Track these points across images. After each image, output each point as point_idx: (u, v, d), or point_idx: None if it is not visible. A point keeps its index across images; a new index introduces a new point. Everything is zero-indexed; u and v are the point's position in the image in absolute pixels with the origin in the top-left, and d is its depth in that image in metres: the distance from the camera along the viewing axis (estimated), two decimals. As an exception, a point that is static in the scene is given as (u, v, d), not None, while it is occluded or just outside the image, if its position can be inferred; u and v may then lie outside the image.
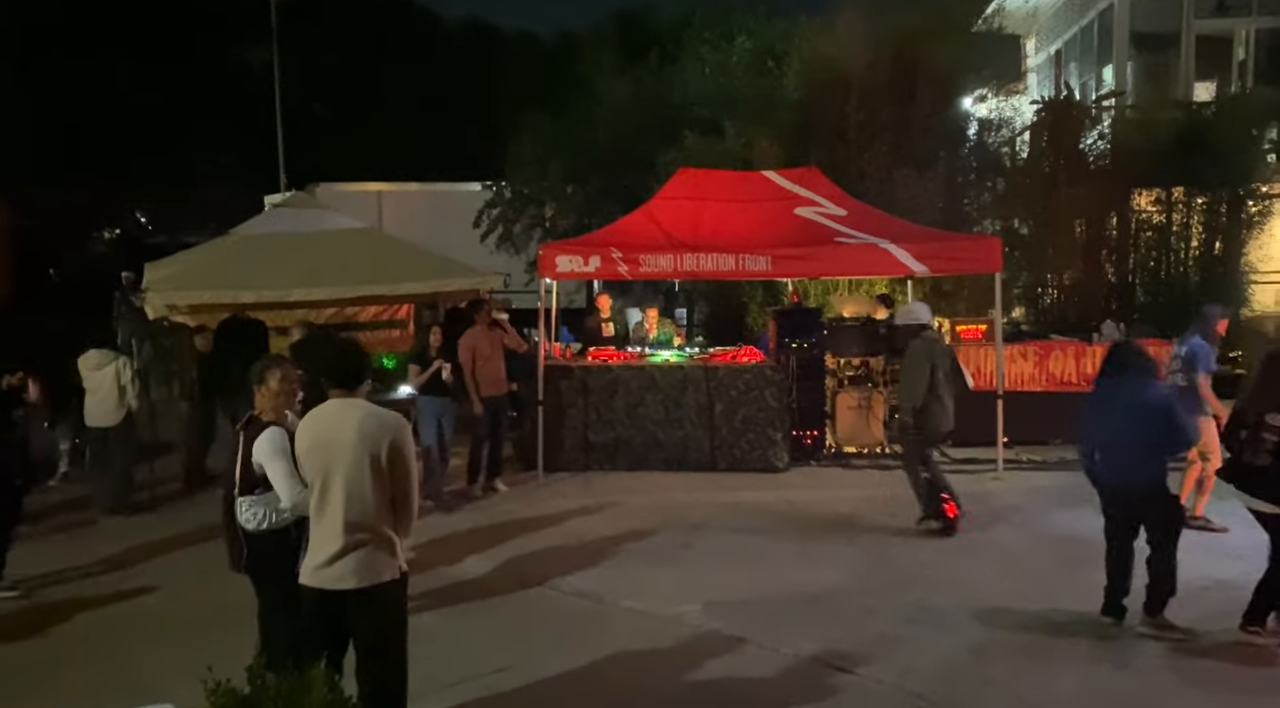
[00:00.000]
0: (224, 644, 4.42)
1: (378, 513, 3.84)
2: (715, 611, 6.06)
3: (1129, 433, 5.56)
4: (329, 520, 3.85)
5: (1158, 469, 5.58)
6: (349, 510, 3.82)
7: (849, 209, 10.34)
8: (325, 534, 3.87)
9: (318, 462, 3.88)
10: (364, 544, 3.84)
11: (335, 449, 3.83)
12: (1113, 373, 5.85)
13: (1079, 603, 5.91)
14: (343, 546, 3.83)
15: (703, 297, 14.67)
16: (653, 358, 10.45)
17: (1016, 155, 13.92)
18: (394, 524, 3.91)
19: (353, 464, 3.80)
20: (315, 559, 3.88)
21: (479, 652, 5.50)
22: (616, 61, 17.51)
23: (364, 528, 3.83)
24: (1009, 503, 8.67)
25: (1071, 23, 17.20)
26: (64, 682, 5.26)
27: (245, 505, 4.34)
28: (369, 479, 3.80)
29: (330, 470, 3.84)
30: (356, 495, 3.81)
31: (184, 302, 8.23)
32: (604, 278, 11.42)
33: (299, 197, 12.44)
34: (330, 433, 3.87)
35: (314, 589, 3.88)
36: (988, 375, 10.31)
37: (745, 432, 9.82)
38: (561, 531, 7.92)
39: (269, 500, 4.27)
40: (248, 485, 4.31)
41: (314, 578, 3.88)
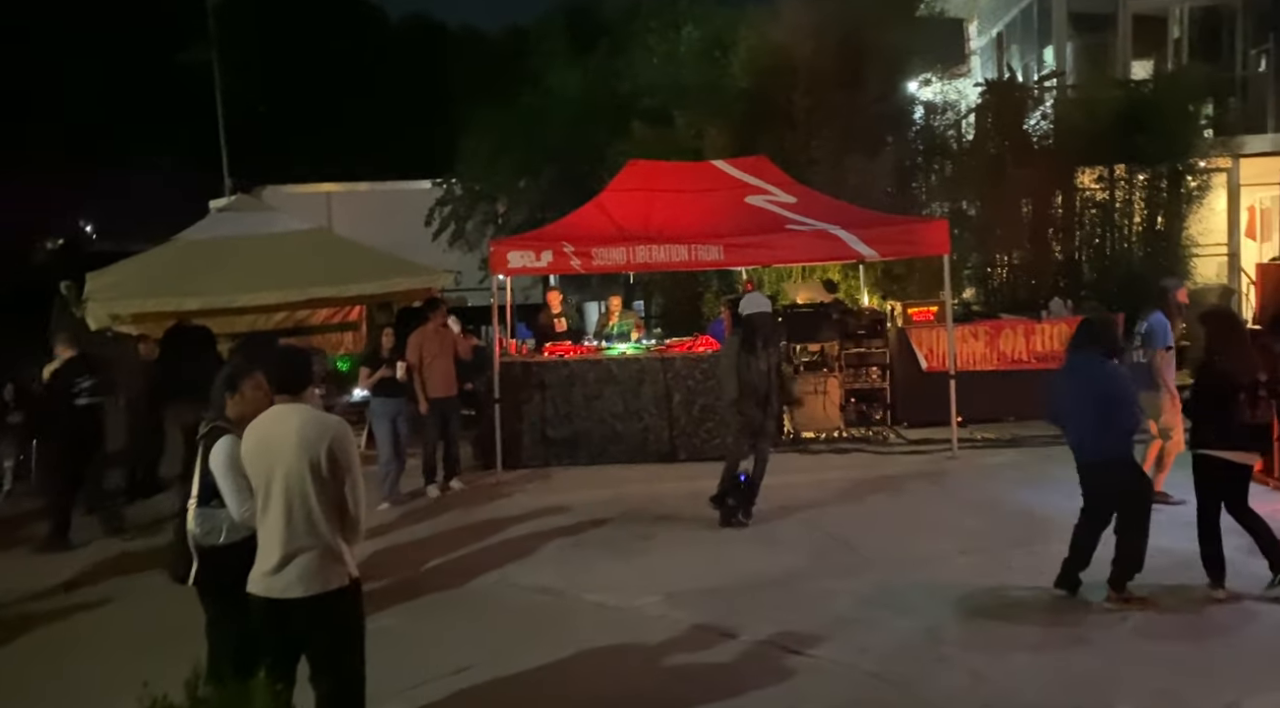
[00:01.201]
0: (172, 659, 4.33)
1: (322, 519, 3.78)
2: (676, 600, 6.08)
3: (1087, 408, 5.66)
4: (273, 527, 3.79)
5: (1119, 444, 5.66)
6: (291, 517, 3.76)
7: (798, 196, 10.40)
8: (270, 541, 3.81)
9: (260, 468, 3.83)
10: (308, 550, 3.77)
11: (276, 455, 3.77)
12: (1074, 347, 5.95)
13: (1033, 578, 6.01)
14: (286, 553, 3.76)
15: (659, 288, 14.68)
16: (609, 351, 10.44)
17: (963, 138, 14.07)
18: (340, 530, 3.86)
19: (294, 470, 3.74)
20: (261, 567, 3.82)
21: (441, 652, 5.46)
22: (565, 53, 17.42)
23: (308, 534, 3.77)
24: (964, 481, 8.79)
25: (1011, 5, 17.42)
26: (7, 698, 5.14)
27: (199, 517, 4.25)
28: (311, 485, 3.74)
29: (272, 477, 3.78)
30: (299, 502, 3.75)
31: (127, 311, 8.05)
32: (556, 272, 11.40)
33: (243, 200, 12.21)
34: (271, 439, 3.81)
35: (261, 598, 3.82)
36: (940, 356, 10.46)
37: (704, 421, 9.86)
38: (521, 527, 7.88)
39: (223, 515, 4.19)
40: (205, 495, 4.22)
41: (260, 586, 3.81)
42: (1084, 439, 5.75)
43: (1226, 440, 5.61)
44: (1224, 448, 5.62)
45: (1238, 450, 5.63)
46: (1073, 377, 5.83)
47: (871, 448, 10.30)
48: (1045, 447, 9.34)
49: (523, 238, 10.46)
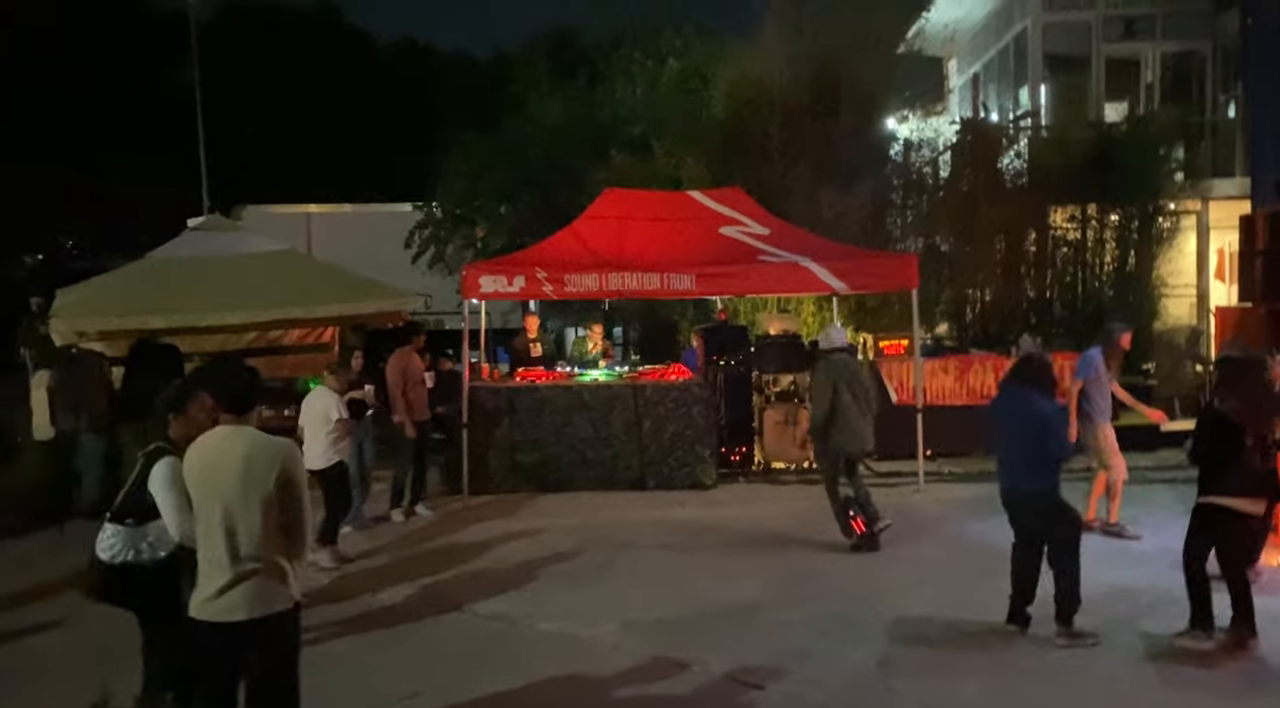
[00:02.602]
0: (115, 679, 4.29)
1: (267, 541, 3.75)
2: (632, 629, 6.05)
3: (1015, 443, 5.71)
4: (216, 552, 3.75)
5: (1045, 480, 5.68)
6: (237, 540, 3.72)
7: (772, 228, 10.49)
8: (213, 566, 3.77)
9: (204, 492, 3.79)
10: (254, 574, 3.74)
11: (221, 478, 3.74)
12: (1007, 383, 6.01)
13: (988, 613, 6.01)
14: (232, 576, 3.73)
15: (635, 316, 14.72)
16: (581, 377, 10.45)
17: (938, 174, 14.24)
18: (286, 552, 3.83)
19: (238, 493, 3.71)
20: (204, 592, 3.77)
21: (390, 679, 5.41)
22: (548, 80, 17.56)
23: (253, 558, 3.74)
24: (929, 515, 8.82)
25: (989, 46, 17.71)
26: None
27: (108, 534, 4.20)
28: (256, 508, 3.71)
29: (217, 500, 3.74)
30: (243, 525, 3.72)
31: (92, 328, 8.00)
32: (529, 298, 11.42)
33: (216, 219, 12.18)
34: (216, 460, 3.78)
35: (203, 622, 3.77)
36: (909, 390, 10.51)
37: (673, 449, 9.86)
38: (483, 554, 7.84)
39: (133, 535, 4.14)
40: (121, 513, 4.18)
41: (203, 610, 3.77)
42: (1011, 471, 5.80)
43: (1229, 487, 5.50)
44: (1225, 495, 5.51)
45: (1240, 497, 5.50)
46: (1003, 410, 5.89)
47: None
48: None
49: (495, 262, 10.49)
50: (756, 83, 13.07)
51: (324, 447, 7.61)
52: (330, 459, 7.64)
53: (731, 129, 13.24)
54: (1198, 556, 5.58)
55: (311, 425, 7.68)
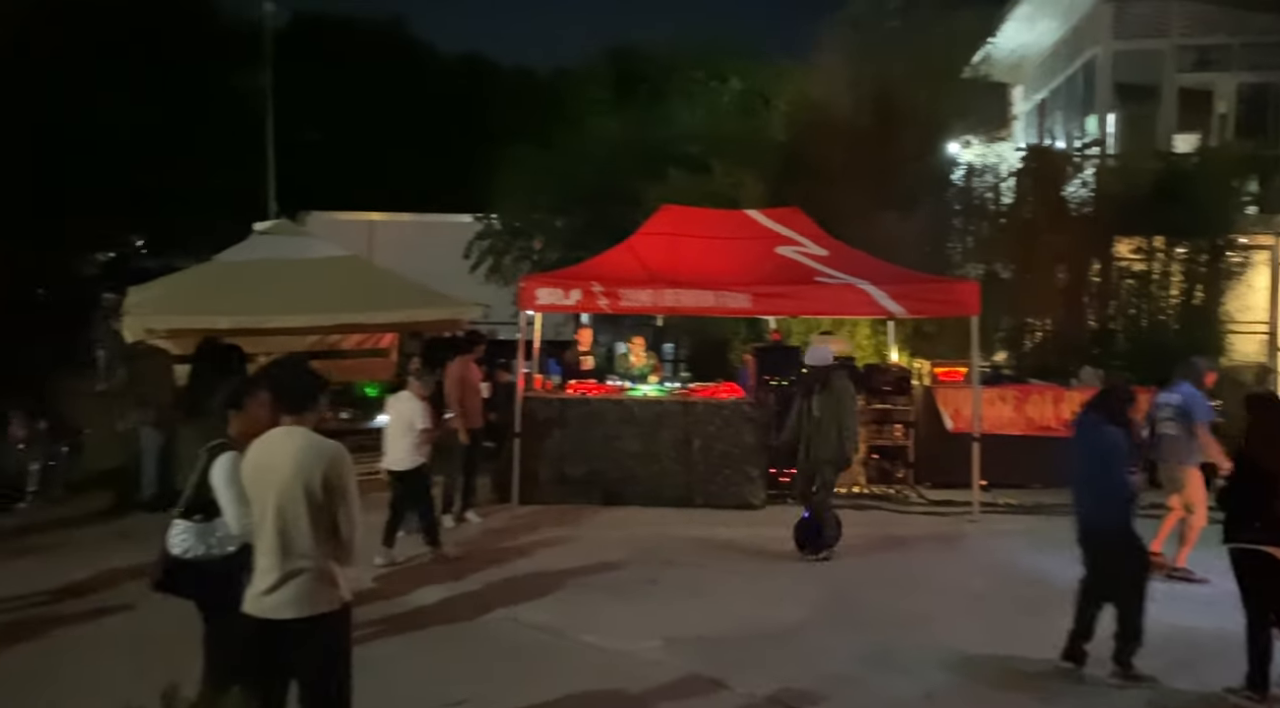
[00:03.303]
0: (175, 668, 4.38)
1: (315, 543, 3.80)
2: (675, 647, 6.03)
3: (1085, 473, 5.59)
4: (268, 549, 3.82)
5: (1116, 514, 5.55)
6: (287, 539, 3.78)
7: (830, 249, 10.44)
8: (265, 563, 3.84)
9: (259, 489, 3.87)
10: (301, 574, 3.80)
11: (273, 476, 3.81)
12: (1086, 413, 5.88)
13: (1040, 649, 5.87)
14: (281, 575, 3.79)
15: (687, 333, 14.72)
16: (631, 392, 10.48)
17: (1000, 200, 14.06)
18: (334, 554, 3.89)
19: (289, 493, 3.77)
20: (256, 588, 3.85)
21: (436, 683, 5.46)
22: (607, 97, 17.71)
23: (301, 557, 3.80)
24: (981, 546, 8.67)
25: (1057, 73, 17.47)
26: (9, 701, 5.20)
27: (178, 529, 4.31)
28: (305, 508, 3.77)
29: (269, 498, 3.81)
30: (293, 524, 3.78)
31: (161, 326, 8.24)
32: (584, 311, 11.49)
33: (284, 224, 12.49)
34: (270, 461, 3.85)
35: (253, 618, 3.85)
36: (966, 418, 10.36)
37: (722, 468, 9.83)
38: (530, 563, 7.88)
39: (202, 531, 4.24)
40: (190, 509, 4.29)
41: (254, 606, 3.84)
42: (1083, 504, 5.67)
43: (1263, 532, 5.29)
44: (1260, 541, 5.29)
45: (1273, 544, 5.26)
46: (1078, 440, 5.78)
47: (891, 506, 10.19)
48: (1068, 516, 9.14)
49: (552, 275, 10.58)
50: (818, 105, 13.04)
51: (406, 450, 7.77)
52: (413, 462, 7.81)
53: (791, 150, 13.22)
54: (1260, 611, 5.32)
55: (395, 429, 7.84)
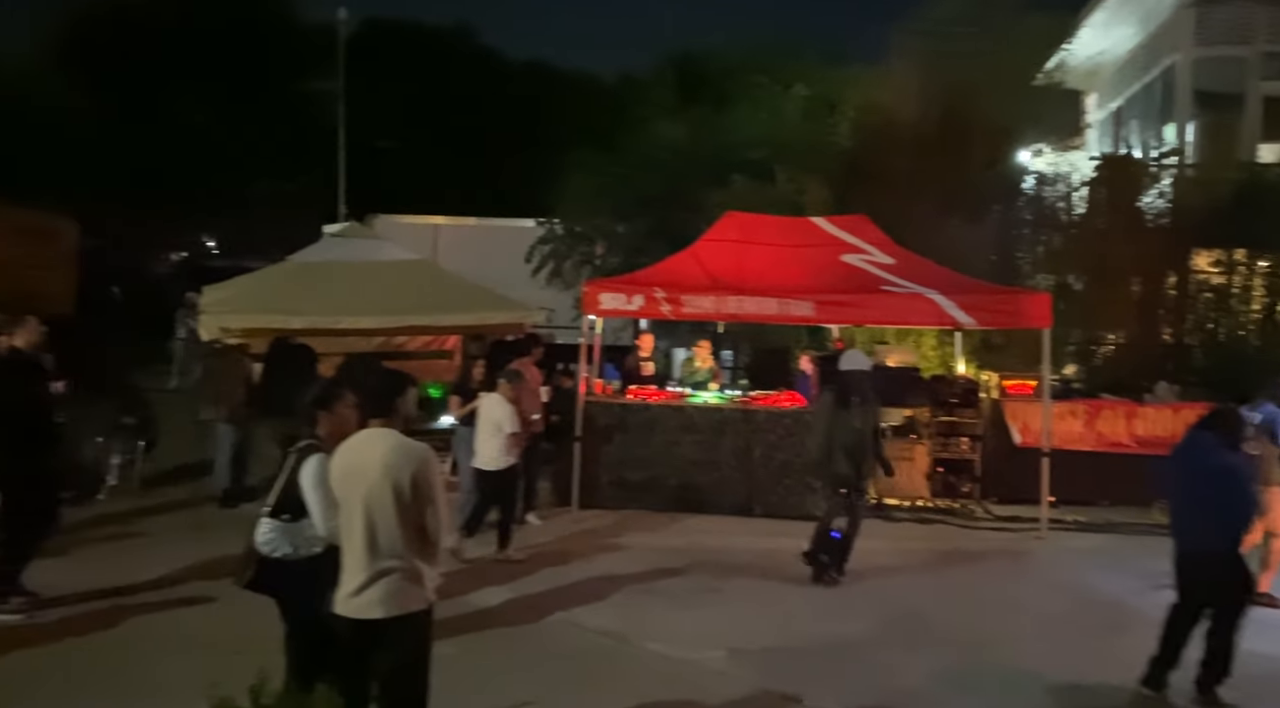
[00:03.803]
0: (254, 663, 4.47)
1: (404, 543, 3.86)
2: (740, 658, 5.99)
3: (1196, 498, 5.38)
4: (357, 549, 3.88)
5: (1226, 539, 5.34)
6: (375, 540, 3.84)
7: (897, 258, 10.30)
8: (354, 564, 3.90)
9: (347, 491, 3.93)
10: (390, 574, 3.85)
11: (362, 478, 3.87)
12: (1195, 432, 5.65)
13: (1114, 673, 5.71)
14: (369, 575, 3.85)
15: (747, 340, 14.63)
16: (692, 398, 10.45)
17: (1072, 210, 13.74)
18: (421, 554, 3.93)
19: (378, 494, 3.83)
20: (345, 588, 3.90)
21: (500, 685, 5.48)
22: (671, 103, 17.70)
23: (390, 557, 3.85)
24: (1049, 563, 8.48)
25: (1134, 80, 17.02)
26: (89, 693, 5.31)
27: (266, 528, 4.38)
28: (393, 509, 3.83)
29: (358, 500, 3.87)
30: (382, 525, 3.84)
31: (236, 325, 8.46)
32: (647, 316, 11.50)
33: (354, 226, 12.76)
34: (359, 462, 3.92)
35: (343, 618, 3.90)
36: (1035, 432, 10.12)
37: (783, 478, 9.75)
38: (590, 567, 7.89)
39: (290, 530, 4.31)
40: (278, 509, 4.36)
41: (343, 607, 3.90)
42: (1186, 526, 5.47)
43: None
44: None
45: None
46: (1185, 458, 5.56)
47: (956, 521, 10.00)
48: (1142, 535, 8.94)
49: (616, 281, 10.60)
50: (886, 111, 12.89)
51: (496, 451, 7.90)
52: (502, 463, 7.94)
53: (858, 157, 13.08)
54: None
55: (485, 430, 7.97)
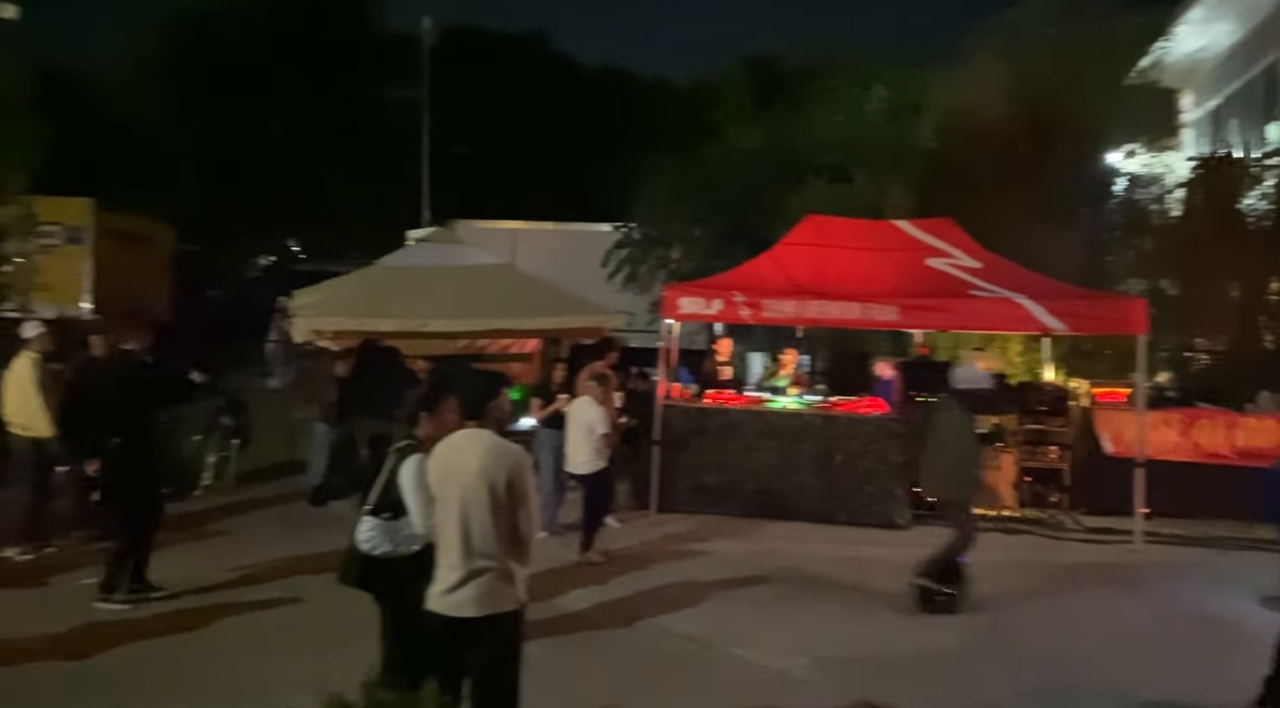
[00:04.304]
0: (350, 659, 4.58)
1: (497, 543, 3.93)
2: (825, 666, 5.93)
3: None
4: (452, 548, 3.97)
5: None
6: (469, 539, 3.92)
7: (984, 262, 10.09)
8: (449, 562, 3.98)
9: (444, 490, 4.02)
10: (484, 573, 3.93)
11: (459, 478, 3.96)
12: None
13: (1221, 693, 5.49)
14: (464, 574, 3.93)
15: (826, 345, 14.49)
16: (771, 404, 10.38)
17: (1167, 213, 13.26)
18: (514, 555, 4.00)
19: (474, 494, 3.91)
20: (440, 586, 3.99)
21: (587, 687, 5.53)
22: (747, 106, 17.65)
23: (484, 556, 3.93)
24: (1143, 578, 8.18)
25: (1233, 78, 16.34)
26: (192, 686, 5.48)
27: (367, 526, 4.51)
28: (488, 509, 3.90)
29: (454, 499, 3.96)
30: (477, 524, 3.91)
31: (327, 328, 8.70)
32: (726, 321, 11.46)
33: (440, 232, 13.03)
34: (456, 462, 4.01)
35: (438, 615, 3.99)
36: (1127, 442, 9.80)
37: (865, 485, 9.62)
38: (671, 571, 7.91)
39: (389, 529, 4.42)
40: (379, 507, 4.48)
41: (438, 604, 3.99)
42: None
43: None
44: None
45: None
46: None
47: (1044, 532, 9.73)
48: (1242, 550, 8.58)
49: (695, 285, 10.60)
50: (970, 112, 12.64)
51: (588, 454, 8.03)
52: (595, 466, 8.07)
53: (940, 159, 12.85)
54: None
55: (577, 434, 8.10)
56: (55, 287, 16.12)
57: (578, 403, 8.20)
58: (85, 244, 17.35)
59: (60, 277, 16.40)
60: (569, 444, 8.19)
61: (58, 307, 14.88)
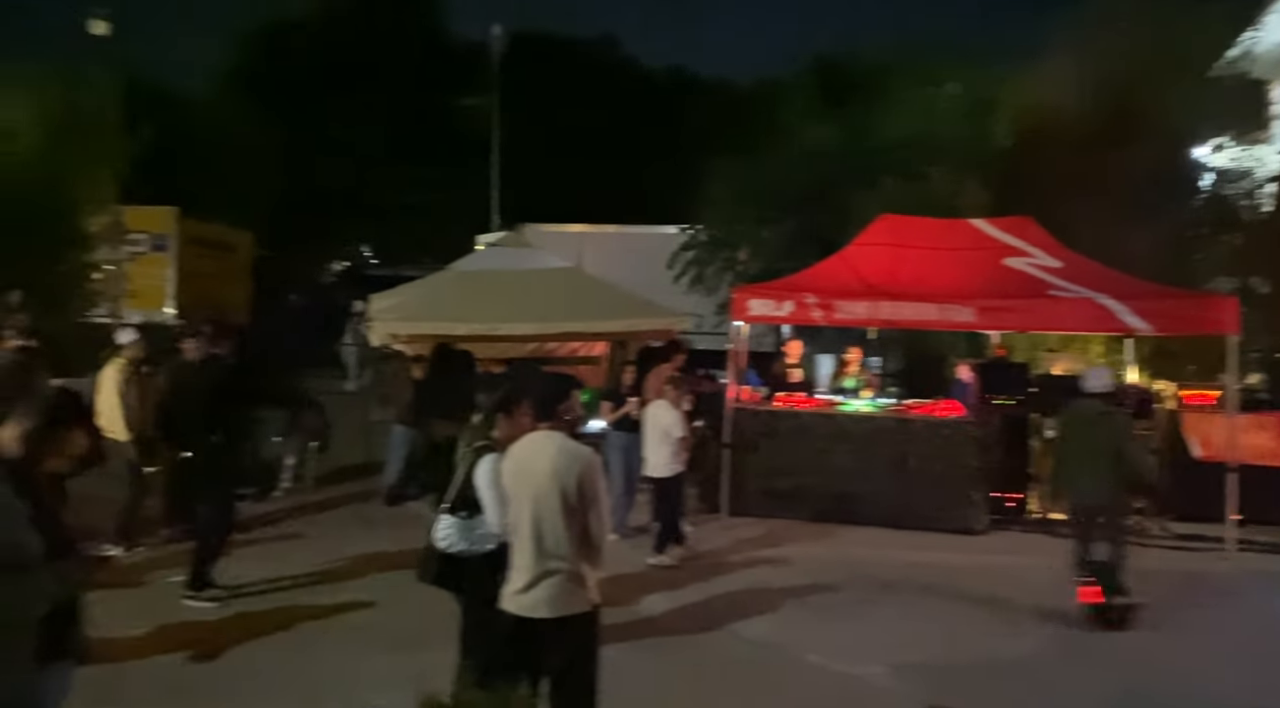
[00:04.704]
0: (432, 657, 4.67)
1: (569, 544, 3.95)
2: (903, 674, 5.83)
3: None
4: (524, 548, 4.00)
5: None
6: (542, 540, 3.95)
7: (1064, 261, 9.83)
8: (522, 562, 4.02)
9: (517, 491, 4.06)
10: (556, 574, 3.96)
11: (532, 479, 3.99)
12: None
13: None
14: (536, 574, 3.96)
15: (898, 346, 14.25)
16: (843, 406, 10.25)
17: (1258, 208, 12.75)
18: (584, 556, 4.01)
19: (546, 495, 3.94)
20: (513, 585, 4.03)
21: (663, 692, 5.53)
22: (815, 105, 17.46)
23: (556, 558, 3.95)
24: (1235, 587, 7.89)
25: (1328, 65, 15.65)
26: (276, 685, 5.59)
27: (444, 524, 4.58)
28: (560, 511, 3.92)
29: (527, 500, 4.00)
30: (549, 526, 3.94)
31: (404, 332, 8.85)
32: (797, 323, 11.34)
33: (510, 236, 13.17)
34: (529, 463, 4.04)
35: (510, 615, 4.03)
36: (1217, 445, 9.44)
37: (940, 489, 9.43)
38: (743, 576, 7.85)
39: (465, 528, 4.48)
40: (455, 506, 4.55)
41: (511, 603, 4.03)
42: None
43: None
44: None
45: None
46: None
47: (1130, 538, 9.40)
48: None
49: (765, 286, 10.52)
50: (1048, 107, 12.31)
51: (665, 457, 8.09)
52: (672, 469, 8.11)
53: (1017, 156, 12.55)
54: None
55: (654, 437, 8.15)
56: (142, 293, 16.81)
57: (654, 407, 8.23)
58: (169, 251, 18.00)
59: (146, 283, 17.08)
60: (646, 448, 8.21)
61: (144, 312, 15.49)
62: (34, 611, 2.91)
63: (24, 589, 2.88)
